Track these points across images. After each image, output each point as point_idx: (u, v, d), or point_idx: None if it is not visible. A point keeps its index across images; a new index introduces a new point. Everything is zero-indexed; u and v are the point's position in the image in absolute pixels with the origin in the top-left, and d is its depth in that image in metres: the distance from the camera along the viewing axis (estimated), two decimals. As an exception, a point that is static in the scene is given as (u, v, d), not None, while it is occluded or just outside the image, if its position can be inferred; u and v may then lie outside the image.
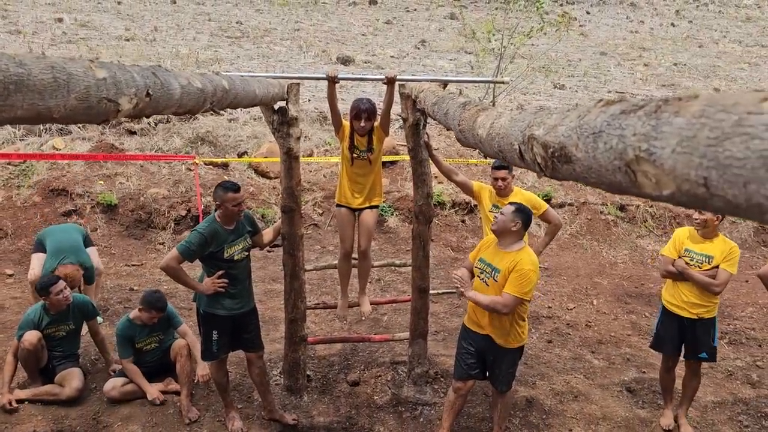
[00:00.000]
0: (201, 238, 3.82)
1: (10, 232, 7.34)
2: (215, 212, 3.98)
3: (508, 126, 1.29)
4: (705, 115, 0.56)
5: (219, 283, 3.94)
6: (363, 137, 4.28)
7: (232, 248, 3.98)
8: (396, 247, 8.47)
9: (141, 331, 4.64)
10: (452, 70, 15.27)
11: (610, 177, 0.76)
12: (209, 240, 3.85)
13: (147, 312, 4.53)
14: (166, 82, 1.80)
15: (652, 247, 9.04)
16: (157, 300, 4.54)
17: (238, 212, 3.93)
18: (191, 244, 3.80)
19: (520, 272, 3.56)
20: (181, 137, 9.21)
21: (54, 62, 1.23)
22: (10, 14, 16.46)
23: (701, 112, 0.57)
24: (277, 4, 22.65)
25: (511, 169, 4.73)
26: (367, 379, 5.00)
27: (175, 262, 3.80)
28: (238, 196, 3.89)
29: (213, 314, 4.05)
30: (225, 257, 3.95)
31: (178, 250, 3.81)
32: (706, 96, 0.59)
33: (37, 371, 4.66)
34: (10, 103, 1.09)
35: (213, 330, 4.08)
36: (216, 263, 3.96)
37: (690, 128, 0.57)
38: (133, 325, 4.61)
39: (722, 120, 0.53)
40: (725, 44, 21.81)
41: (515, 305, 3.59)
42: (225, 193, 3.84)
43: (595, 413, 4.75)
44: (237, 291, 4.06)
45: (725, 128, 0.52)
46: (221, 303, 4.01)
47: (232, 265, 4.00)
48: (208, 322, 4.08)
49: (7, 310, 5.91)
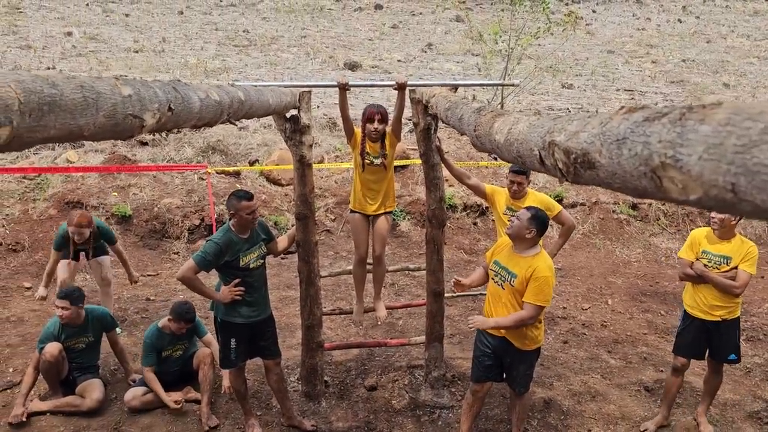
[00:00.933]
0: (216, 247, 3.86)
1: (28, 245, 7.42)
2: (229, 221, 4.01)
3: (526, 132, 1.31)
4: (731, 123, 0.58)
5: (236, 291, 3.97)
6: (375, 143, 4.31)
7: (248, 257, 4.01)
8: (409, 251, 8.49)
9: (169, 340, 4.71)
10: (460, 72, 15.30)
11: (635, 182, 0.78)
12: (224, 249, 3.88)
13: (176, 323, 4.60)
14: (186, 96, 1.84)
15: (666, 245, 9.01)
16: (186, 312, 4.61)
17: (252, 220, 3.96)
18: (207, 254, 3.84)
19: (539, 280, 3.58)
20: (193, 147, 9.29)
21: (83, 81, 1.26)
22: (20, 29, 16.66)
23: (727, 120, 0.59)
24: (283, 12, 22.79)
25: (529, 174, 4.73)
26: (384, 384, 5.02)
27: (191, 272, 3.84)
28: (252, 204, 3.93)
29: (230, 322, 4.08)
30: (241, 266, 3.98)
31: (194, 260, 3.84)
32: (730, 104, 0.61)
33: (59, 383, 4.71)
34: (44, 123, 1.12)
35: (231, 338, 4.12)
36: (232, 272, 3.99)
37: (717, 136, 0.59)
38: (161, 334, 4.68)
39: (749, 128, 0.55)
40: (733, 39, 21.71)
41: (539, 313, 3.64)
42: (239, 202, 3.88)
43: (614, 413, 4.74)
44: (254, 299, 4.10)
45: (752, 136, 0.54)
46: (238, 311, 4.05)
47: (248, 273, 4.04)
48: (226, 330, 4.12)
49: (27, 322, 5.98)
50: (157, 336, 4.67)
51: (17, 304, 6.40)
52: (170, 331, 4.67)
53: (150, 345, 4.64)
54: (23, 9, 19.23)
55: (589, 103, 13.21)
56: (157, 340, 4.66)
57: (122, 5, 21.59)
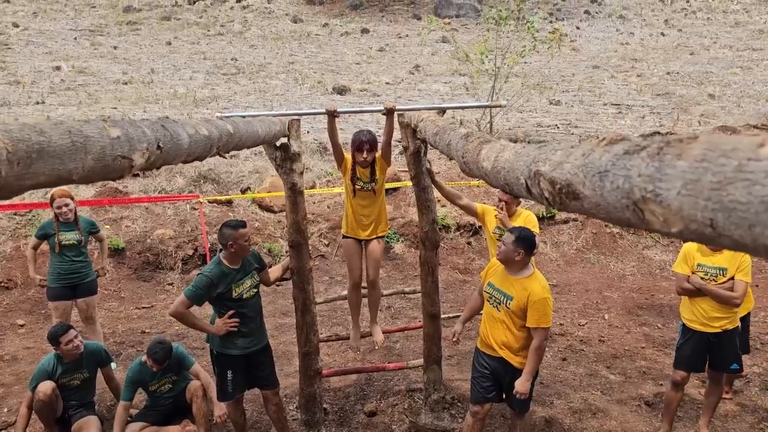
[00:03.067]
0: (207, 280, 3.85)
1: (20, 282, 7.37)
2: (219, 253, 4.01)
3: (513, 160, 1.32)
4: (706, 159, 0.59)
5: (230, 323, 3.95)
6: (365, 168, 4.32)
7: (240, 287, 4.00)
8: (403, 273, 8.48)
9: (153, 375, 4.61)
10: (447, 93, 15.42)
11: (619, 214, 0.79)
12: (215, 282, 3.87)
13: (150, 361, 4.51)
14: (175, 134, 1.85)
15: (660, 257, 9.04)
16: (155, 352, 4.42)
17: (248, 248, 3.97)
18: (198, 288, 3.83)
19: (537, 303, 3.60)
20: (184, 177, 9.30)
21: (71, 126, 1.27)
22: (9, 65, 16.72)
23: (702, 156, 0.60)
24: (270, 39, 22.97)
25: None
26: (384, 409, 4.99)
27: (183, 307, 3.82)
28: (247, 232, 3.95)
29: (226, 354, 4.05)
30: (234, 297, 3.97)
31: (186, 294, 3.83)
32: (705, 139, 0.63)
33: (54, 422, 4.64)
34: (33, 170, 1.13)
35: (227, 370, 4.09)
36: (225, 303, 3.98)
37: (693, 172, 0.60)
38: (144, 369, 4.58)
39: (723, 165, 0.56)
40: (716, 50, 22.00)
41: (548, 333, 3.73)
42: (235, 231, 3.87)
43: (615, 429, 4.72)
44: (249, 329, 4.08)
45: (727, 173, 0.55)
46: (234, 343, 4.03)
47: (242, 303, 4.02)
48: (222, 362, 4.09)
49: (21, 360, 5.92)
50: (139, 371, 4.55)
51: (10, 342, 6.34)
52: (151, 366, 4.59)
53: (130, 379, 4.53)
54: (11, 45, 19.31)
55: (577, 119, 13.33)
56: (138, 374, 4.55)
57: (110, 38, 21.71)
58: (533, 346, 3.70)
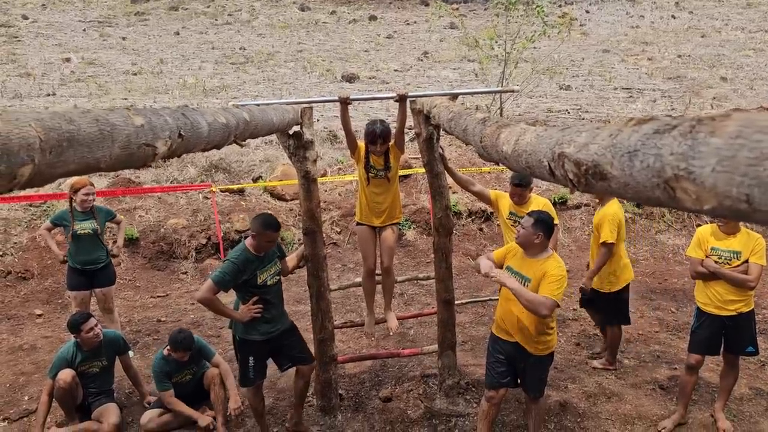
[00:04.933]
0: (234, 267, 3.90)
1: (37, 273, 7.46)
2: (245, 240, 4.05)
3: (535, 143, 1.33)
4: (742, 135, 0.60)
5: (254, 309, 4.02)
6: (380, 157, 4.34)
7: (265, 273, 4.06)
8: (416, 260, 8.51)
9: (175, 367, 4.67)
10: (457, 79, 15.36)
11: (648, 193, 0.80)
12: (242, 268, 3.92)
13: (175, 352, 4.57)
14: (195, 122, 1.87)
15: (673, 241, 9.01)
16: (181, 341, 4.51)
17: (269, 248, 4.05)
18: (225, 274, 3.88)
19: (552, 276, 3.57)
20: (196, 166, 9.34)
21: (98, 115, 1.29)
22: (19, 58, 16.80)
23: (737, 132, 0.61)
24: (278, 28, 22.92)
25: (529, 184, 4.73)
26: (399, 394, 5.02)
27: (210, 293, 3.87)
28: (276, 236, 3.99)
29: (249, 340, 4.11)
30: (258, 284, 4.03)
31: (213, 280, 3.88)
32: (739, 116, 0.64)
33: (74, 409, 4.72)
34: (64, 158, 1.15)
35: (249, 356, 4.15)
36: (250, 290, 4.04)
37: (728, 148, 0.61)
38: (167, 361, 4.65)
39: (760, 141, 0.57)
40: (728, 32, 21.76)
41: (552, 308, 3.53)
42: (265, 230, 3.91)
43: (630, 413, 4.73)
44: (271, 316, 4.14)
45: (763, 149, 0.56)
46: (257, 329, 4.09)
47: (266, 290, 4.08)
48: (245, 348, 4.15)
49: (40, 349, 6.00)
50: (163, 364, 4.63)
51: (29, 332, 6.43)
52: (174, 358, 4.66)
53: (159, 373, 4.62)
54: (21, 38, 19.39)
55: (588, 103, 13.24)
56: (164, 367, 4.63)
57: (119, 29, 21.75)
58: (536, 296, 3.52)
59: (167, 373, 4.64)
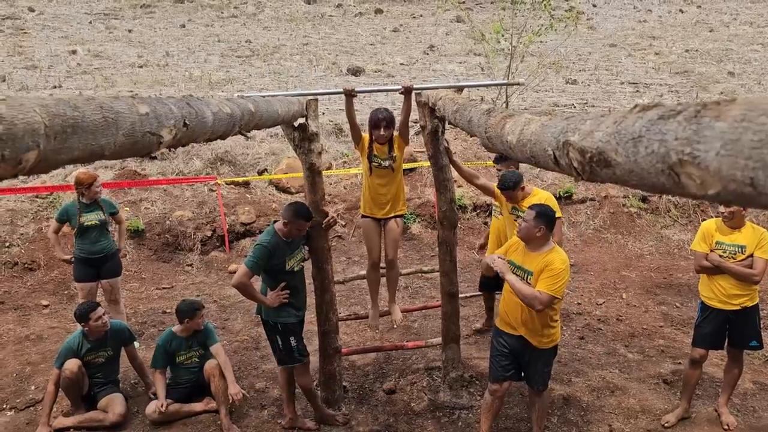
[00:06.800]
0: (265, 251, 3.95)
1: (43, 264, 7.49)
2: (273, 224, 4.09)
3: (539, 132, 1.33)
4: (746, 119, 0.59)
5: (282, 294, 4.09)
6: (383, 145, 4.33)
7: (293, 260, 4.14)
8: (421, 253, 8.51)
9: (183, 344, 4.74)
10: (463, 73, 15.31)
11: (653, 179, 0.79)
12: (272, 252, 3.98)
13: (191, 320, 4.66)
14: (200, 111, 1.87)
15: (678, 236, 8.97)
16: (190, 303, 4.72)
17: (299, 235, 4.12)
18: (258, 258, 3.94)
19: (552, 271, 3.57)
20: (201, 159, 9.35)
21: (102, 102, 1.29)
22: (26, 50, 16.81)
23: (742, 116, 0.60)
24: (284, 21, 22.88)
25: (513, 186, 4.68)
26: (403, 387, 5.04)
27: (246, 278, 3.92)
28: (307, 226, 4.08)
29: (286, 323, 4.18)
30: (286, 269, 4.10)
31: (247, 266, 3.93)
32: (744, 100, 0.63)
33: (80, 398, 4.75)
34: (69, 145, 1.15)
35: (290, 337, 4.22)
36: (277, 275, 4.10)
37: (733, 132, 0.61)
38: (175, 337, 4.73)
39: (765, 123, 0.57)
40: (736, 27, 21.60)
41: (549, 303, 3.58)
42: (297, 219, 3.99)
43: (634, 407, 4.73)
44: (296, 300, 4.22)
45: (768, 131, 0.56)
46: (288, 311, 4.17)
47: (292, 276, 4.16)
48: (285, 331, 4.20)
49: (46, 339, 6.03)
50: (170, 339, 4.73)
51: (36, 322, 6.46)
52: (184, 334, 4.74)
53: (162, 347, 4.72)
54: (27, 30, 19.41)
55: (594, 98, 13.19)
56: (169, 342, 4.73)
57: (125, 21, 21.75)
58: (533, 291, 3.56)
59: (170, 349, 4.72)
